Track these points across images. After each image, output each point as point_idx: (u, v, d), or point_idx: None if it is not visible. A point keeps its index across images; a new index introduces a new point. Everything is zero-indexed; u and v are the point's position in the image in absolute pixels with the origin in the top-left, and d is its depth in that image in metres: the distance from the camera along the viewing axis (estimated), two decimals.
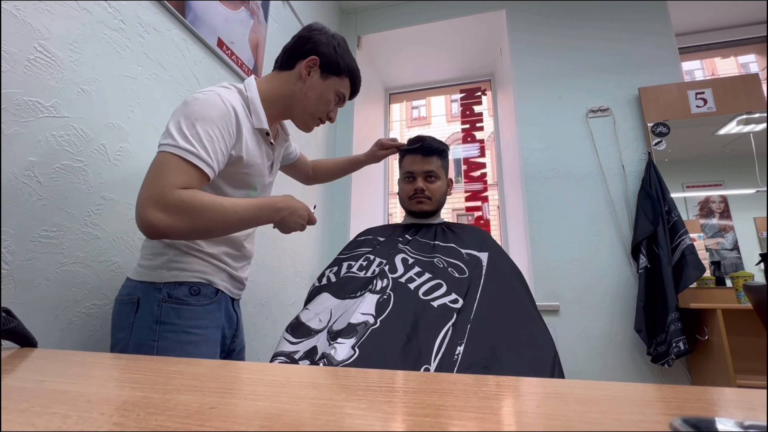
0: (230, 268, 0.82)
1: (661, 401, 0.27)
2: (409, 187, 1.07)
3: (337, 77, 0.82)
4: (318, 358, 0.69)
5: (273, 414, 0.23)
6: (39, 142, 0.76)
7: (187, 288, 0.74)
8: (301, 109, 0.82)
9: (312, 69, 0.80)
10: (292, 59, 0.82)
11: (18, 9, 0.73)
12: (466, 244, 0.97)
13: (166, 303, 0.72)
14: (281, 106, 0.82)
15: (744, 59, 3.01)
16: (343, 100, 0.87)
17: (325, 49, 0.80)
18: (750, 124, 1.80)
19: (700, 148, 1.86)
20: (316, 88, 0.81)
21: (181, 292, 0.73)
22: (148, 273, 0.74)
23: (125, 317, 0.72)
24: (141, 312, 0.71)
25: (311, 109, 0.83)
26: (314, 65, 0.80)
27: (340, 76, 0.83)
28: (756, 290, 1.00)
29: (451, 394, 0.27)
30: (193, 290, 0.75)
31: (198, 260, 0.76)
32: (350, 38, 2.52)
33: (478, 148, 2.61)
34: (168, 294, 0.72)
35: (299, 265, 1.88)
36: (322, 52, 0.80)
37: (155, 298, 0.72)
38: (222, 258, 0.80)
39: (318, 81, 0.81)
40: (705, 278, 1.65)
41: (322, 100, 0.82)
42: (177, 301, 0.73)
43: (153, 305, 0.71)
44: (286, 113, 0.84)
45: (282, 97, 0.81)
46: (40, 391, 0.28)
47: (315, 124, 0.87)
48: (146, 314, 0.71)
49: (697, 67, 3.38)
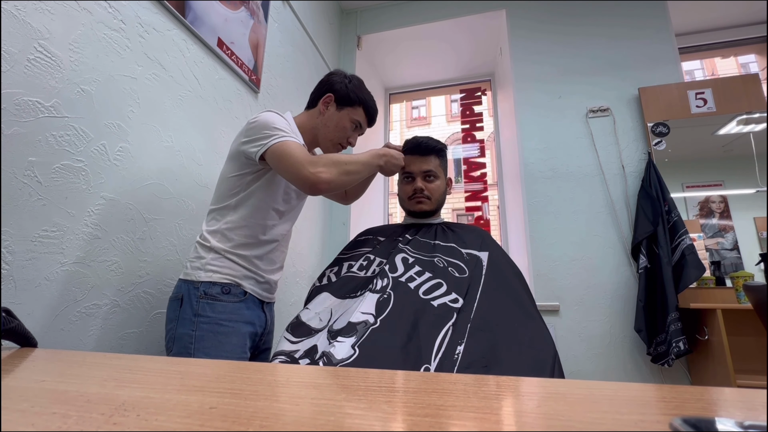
0: (259, 273, 0.92)
1: (660, 401, 0.27)
2: (409, 187, 1.07)
3: (350, 107, 0.99)
4: (318, 357, 0.69)
5: (273, 414, 0.23)
6: (39, 142, 0.76)
7: (220, 287, 0.86)
8: (323, 137, 0.99)
9: (329, 104, 0.99)
10: (315, 99, 1.01)
11: (18, 9, 0.73)
12: (467, 244, 0.97)
13: (203, 299, 0.84)
14: (310, 136, 1.00)
15: (744, 59, 3.01)
16: (360, 127, 1.02)
17: (338, 86, 0.98)
18: (750, 124, 1.80)
19: (700, 148, 1.86)
20: (333, 119, 0.98)
21: (214, 290, 0.85)
22: (190, 273, 0.87)
23: (173, 311, 0.85)
24: (184, 306, 0.84)
25: (331, 136, 0.99)
26: (330, 101, 0.98)
27: (353, 106, 0.99)
28: (756, 290, 1.00)
29: (451, 394, 0.27)
30: (224, 289, 0.86)
31: (230, 263, 0.88)
32: (350, 38, 2.53)
33: (478, 148, 2.60)
34: (204, 291, 0.84)
35: (299, 265, 1.89)
36: (336, 89, 0.98)
37: (194, 294, 0.84)
38: (253, 261, 0.91)
39: (334, 113, 0.98)
40: (705, 278, 1.65)
41: (339, 127, 0.99)
42: (211, 298, 0.84)
43: (193, 300, 0.84)
44: (314, 142, 1.01)
45: (309, 129, 0.99)
46: (40, 391, 0.28)
47: (336, 149, 1.02)
48: (188, 308, 0.83)
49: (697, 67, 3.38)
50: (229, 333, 0.84)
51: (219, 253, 0.87)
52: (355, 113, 0.99)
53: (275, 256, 0.97)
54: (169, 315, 0.87)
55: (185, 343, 0.81)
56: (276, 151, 0.82)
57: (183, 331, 0.82)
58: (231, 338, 0.84)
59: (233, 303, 0.86)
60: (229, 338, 0.84)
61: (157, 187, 1.04)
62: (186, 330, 0.82)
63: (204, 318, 0.82)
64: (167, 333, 0.86)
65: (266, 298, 0.96)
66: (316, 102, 1.00)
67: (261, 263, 0.93)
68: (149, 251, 1.00)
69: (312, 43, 2.09)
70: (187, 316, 0.83)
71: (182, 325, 0.83)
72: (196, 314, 0.82)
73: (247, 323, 0.88)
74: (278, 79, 1.71)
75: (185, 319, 0.83)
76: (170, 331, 0.85)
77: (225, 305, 0.85)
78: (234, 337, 0.85)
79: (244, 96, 1.45)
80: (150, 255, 1.01)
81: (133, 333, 0.95)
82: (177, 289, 0.88)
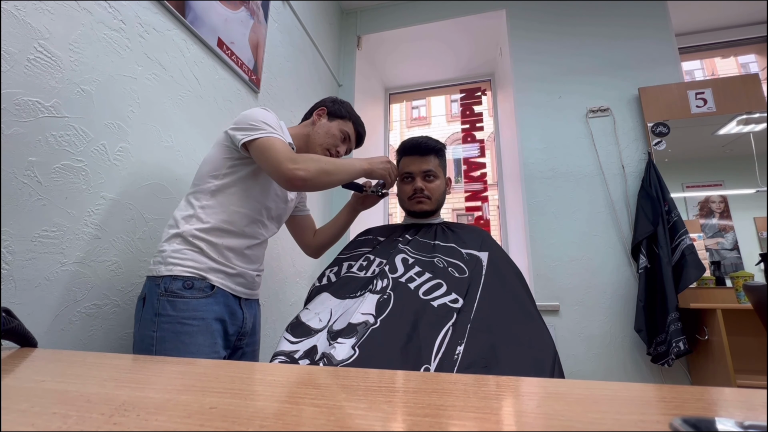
0: (230, 264, 0.87)
1: (660, 401, 0.27)
2: (408, 187, 1.07)
3: (340, 119, 1.06)
4: (318, 358, 0.69)
5: (273, 414, 0.23)
6: (39, 142, 0.76)
7: (181, 282, 0.80)
8: (313, 142, 1.04)
9: (321, 115, 1.06)
10: (310, 113, 1.09)
11: (18, 9, 0.73)
12: (467, 244, 0.97)
13: (163, 296, 0.78)
14: (302, 143, 1.05)
15: (744, 59, 3.01)
16: (348, 139, 1.07)
17: (329, 103, 1.08)
18: (750, 124, 1.80)
19: (700, 148, 1.86)
20: (324, 127, 1.05)
21: (175, 285, 0.79)
22: (151, 269, 0.82)
23: (137, 312, 0.81)
24: (146, 306, 0.79)
25: (320, 141, 1.03)
26: (323, 113, 1.07)
27: (343, 119, 1.06)
28: (756, 290, 1.00)
29: (451, 394, 0.27)
30: (186, 284, 0.80)
31: (194, 254, 0.82)
32: (350, 38, 2.52)
33: (478, 148, 2.61)
34: (165, 288, 0.79)
35: (299, 265, 1.88)
36: (328, 105, 1.07)
37: (155, 292, 0.79)
38: (223, 252, 0.86)
39: (326, 122, 1.05)
40: (705, 278, 1.65)
41: (329, 134, 1.04)
42: (172, 294, 0.79)
43: (153, 299, 0.79)
44: (305, 149, 1.04)
45: (302, 136, 1.05)
46: (40, 391, 0.28)
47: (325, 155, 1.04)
48: (149, 308, 0.79)
49: (697, 67, 3.38)
50: (193, 332, 0.78)
51: (184, 238, 0.82)
52: (345, 125, 1.06)
53: (252, 255, 0.93)
54: (135, 317, 0.82)
55: (146, 345, 0.76)
56: (261, 144, 0.83)
57: (144, 333, 0.77)
58: (196, 338, 0.78)
59: (198, 299, 0.80)
60: (194, 338, 0.78)
61: (157, 187, 1.04)
62: (147, 331, 0.77)
63: (165, 317, 0.77)
64: (133, 336, 0.81)
65: (242, 293, 0.90)
66: (310, 115, 1.09)
67: (232, 255, 0.87)
68: (149, 251, 1.00)
69: (312, 43, 2.09)
70: (148, 316, 0.78)
71: (143, 326, 0.78)
72: (156, 313, 0.77)
73: (217, 320, 0.82)
74: (278, 79, 1.71)
75: (146, 319, 0.78)
76: (135, 334, 0.80)
77: (188, 302, 0.79)
78: (200, 336, 0.79)
79: (244, 96, 1.45)
80: (150, 255, 1.01)
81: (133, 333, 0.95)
82: (142, 288, 0.84)
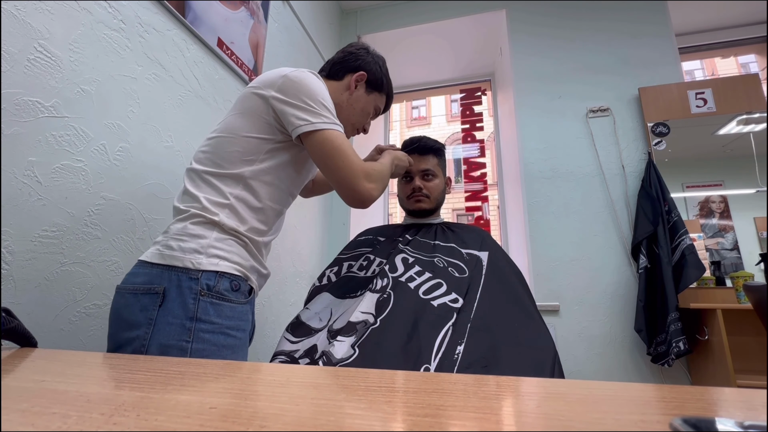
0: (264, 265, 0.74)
1: (661, 401, 0.27)
2: (407, 186, 1.07)
3: (378, 93, 0.89)
4: (318, 357, 0.69)
5: (273, 414, 0.23)
6: (39, 142, 0.76)
7: (228, 282, 0.63)
8: (346, 118, 0.85)
9: (359, 83, 0.86)
10: (341, 71, 0.86)
11: (18, 9, 0.73)
12: (467, 244, 0.97)
13: (204, 296, 0.60)
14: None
15: (744, 59, 3.01)
16: (377, 115, 0.93)
17: (372, 68, 0.87)
18: (750, 124, 1.80)
19: (700, 148, 1.86)
20: (360, 101, 0.86)
21: (222, 285, 0.62)
22: (179, 256, 0.61)
23: (140, 312, 0.58)
24: (168, 306, 0.59)
25: (353, 120, 0.87)
26: (362, 80, 0.85)
27: (380, 92, 0.89)
28: (756, 290, 1.00)
29: (451, 394, 0.27)
30: (234, 285, 0.64)
31: (240, 248, 0.66)
32: (350, 38, 2.52)
33: (478, 148, 2.60)
34: (207, 286, 0.61)
35: (299, 265, 1.88)
36: (370, 70, 0.86)
37: (191, 288, 0.59)
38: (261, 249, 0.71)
39: (363, 95, 0.86)
40: (705, 278, 1.65)
41: (364, 112, 0.88)
42: (218, 296, 0.61)
43: (187, 298, 0.59)
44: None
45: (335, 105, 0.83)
46: (40, 391, 0.28)
47: (353, 133, 0.91)
48: (176, 309, 0.59)
49: (697, 67, 3.38)
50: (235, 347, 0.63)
51: (228, 233, 0.65)
52: (380, 100, 0.90)
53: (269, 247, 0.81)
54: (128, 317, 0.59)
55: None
56: (325, 141, 0.67)
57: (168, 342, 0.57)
58: (238, 353, 0.65)
59: (242, 305, 0.66)
60: (236, 353, 0.64)
61: (157, 187, 1.04)
62: (174, 341, 0.57)
63: (206, 324, 0.60)
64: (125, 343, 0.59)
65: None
66: (342, 75, 0.86)
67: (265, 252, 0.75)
68: None
69: (312, 43, 2.09)
70: (175, 320, 0.58)
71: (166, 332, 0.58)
72: (193, 318, 0.59)
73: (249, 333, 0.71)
74: None
75: (171, 324, 0.58)
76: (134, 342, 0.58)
77: (234, 308, 0.63)
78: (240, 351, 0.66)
79: None
80: None
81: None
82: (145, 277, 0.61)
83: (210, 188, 0.68)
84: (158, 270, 0.61)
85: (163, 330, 0.58)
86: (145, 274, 0.62)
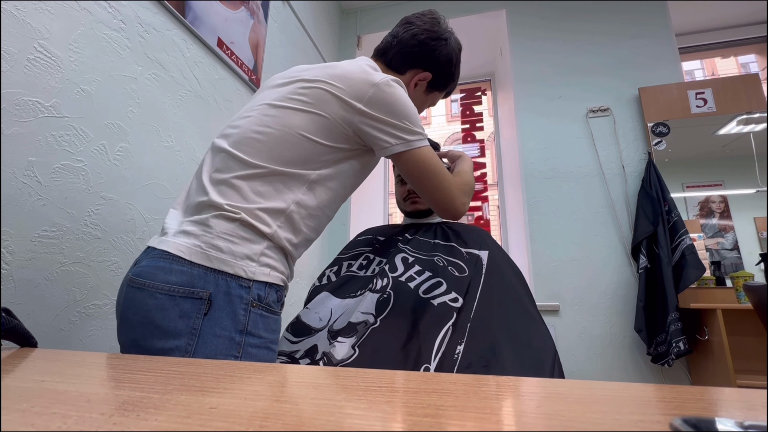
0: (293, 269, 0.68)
1: (661, 401, 0.27)
2: (403, 188, 1.07)
3: (438, 92, 0.83)
4: (318, 358, 0.69)
5: (273, 414, 0.23)
6: (39, 142, 0.76)
7: (275, 292, 0.59)
8: None
9: (421, 82, 0.78)
10: (405, 64, 0.76)
11: (18, 9, 0.73)
12: (467, 243, 0.97)
13: (256, 308, 0.55)
14: None
15: (744, 59, 3.01)
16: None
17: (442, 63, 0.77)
18: (750, 124, 1.80)
19: (700, 148, 1.86)
20: (417, 101, 0.79)
21: (271, 296, 0.58)
22: (230, 261, 0.54)
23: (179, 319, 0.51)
24: (215, 315, 0.52)
25: None
26: (426, 80, 0.78)
27: (440, 92, 0.83)
28: (756, 290, 1.00)
29: (451, 394, 0.27)
30: (279, 296, 0.60)
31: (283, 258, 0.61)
32: (350, 38, 2.53)
33: (478, 148, 2.61)
34: (259, 296, 0.56)
35: (299, 265, 1.88)
36: (437, 70, 0.77)
37: (242, 298, 0.54)
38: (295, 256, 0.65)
39: (422, 94, 0.80)
40: (705, 278, 1.65)
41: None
42: (267, 309, 0.57)
43: (237, 308, 0.53)
44: None
45: None
46: (40, 391, 0.28)
47: None
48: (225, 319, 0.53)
49: (697, 67, 3.37)
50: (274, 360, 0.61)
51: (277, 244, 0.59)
52: (437, 98, 0.84)
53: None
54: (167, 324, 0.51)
55: None
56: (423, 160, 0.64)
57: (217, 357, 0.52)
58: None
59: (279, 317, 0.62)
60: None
61: (157, 187, 1.04)
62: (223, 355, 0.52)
63: (255, 338, 0.55)
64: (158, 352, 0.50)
65: None
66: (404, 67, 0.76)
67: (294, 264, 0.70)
68: None
69: (312, 43, 2.09)
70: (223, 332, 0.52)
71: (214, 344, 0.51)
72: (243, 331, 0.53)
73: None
74: None
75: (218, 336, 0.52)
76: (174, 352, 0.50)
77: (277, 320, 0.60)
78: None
79: (244, 96, 1.45)
80: None
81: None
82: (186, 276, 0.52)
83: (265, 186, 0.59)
84: (200, 271, 0.53)
85: (210, 342, 0.51)
86: (182, 273, 0.52)
